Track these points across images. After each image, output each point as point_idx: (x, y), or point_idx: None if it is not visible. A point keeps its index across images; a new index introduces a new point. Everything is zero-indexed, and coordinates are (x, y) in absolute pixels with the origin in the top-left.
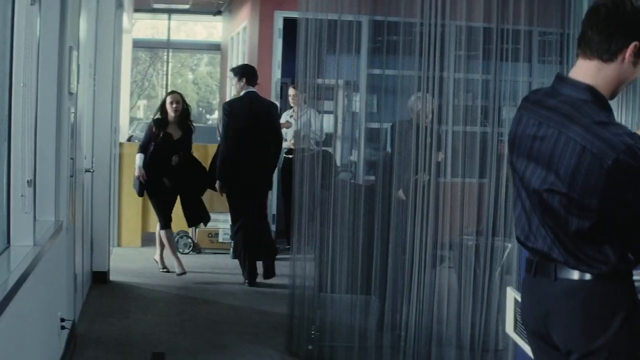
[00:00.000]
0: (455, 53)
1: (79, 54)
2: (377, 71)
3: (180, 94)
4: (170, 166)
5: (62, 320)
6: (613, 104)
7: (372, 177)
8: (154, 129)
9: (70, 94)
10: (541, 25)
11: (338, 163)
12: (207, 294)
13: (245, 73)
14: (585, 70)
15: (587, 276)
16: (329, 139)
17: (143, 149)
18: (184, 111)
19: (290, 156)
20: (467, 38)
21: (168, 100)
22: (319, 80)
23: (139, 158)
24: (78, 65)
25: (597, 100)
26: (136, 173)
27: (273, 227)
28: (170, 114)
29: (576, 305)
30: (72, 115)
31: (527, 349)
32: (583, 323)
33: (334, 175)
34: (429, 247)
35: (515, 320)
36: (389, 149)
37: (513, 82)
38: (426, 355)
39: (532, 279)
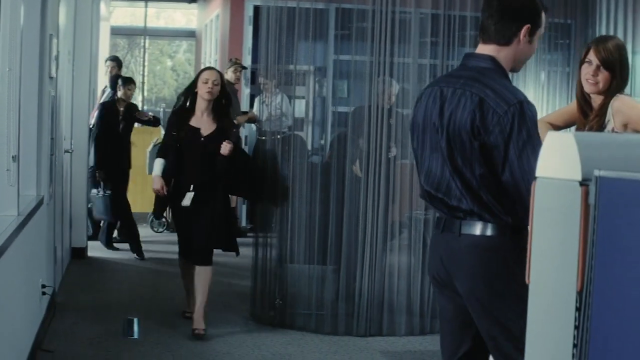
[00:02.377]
0: (417, 39)
1: (58, 41)
2: (344, 57)
3: (221, 73)
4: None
5: (43, 286)
6: None
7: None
8: (172, 121)
9: (51, 78)
10: (475, 10)
11: (309, 147)
12: (177, 267)
13: None
14: (488, 51)
15: (489, 232)
16: (300, 124)
17: (163, 151)
18: (223, 97)
19: (263, 138)
20: (417, 24)
21: (203, 77)
22: (290, 67)
23: (157, 165)
24: (58, 52)
25: (498, 69)
26: (154, 186)
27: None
28: (203, 96)
29: (478, 259)
30: (52, 98)
31: None
32: (485, 275)
33: (306, 158)
34: (380, 222)
35: None
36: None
37: (432, 66)
38: (378, 321)
39: (440, 235)
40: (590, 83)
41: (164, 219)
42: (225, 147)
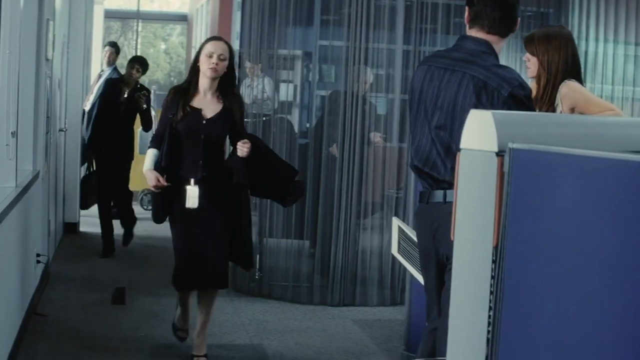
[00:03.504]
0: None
1: (54, 24)
2: (332, 42)
3: (229, 45)
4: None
5: (38, 255)
6: None
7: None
8: (169, 101)
9: (47, 60)
10: None
11: (296, 130)
12: (166, 241)
13: None
14: (486, 38)
15: None
16: (289, 107)
17: (157, 140)
18: (229, 73)
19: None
20: (389, 13)
21: (207, 50)
22: (279, 51)
23: (149, 157)
24: (54, 35)
25: (492, 52)
26: (149, 182)
27: None
28: (206, 74)
29: None
30: (48, 79)
31: (409, 267)
32: None
33: (293, 140)
34: (354, 201)
35: (399, 243)
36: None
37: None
38: (351, 293)
39: (425, 206)
40: (527, 68)
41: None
42: (242, 148)
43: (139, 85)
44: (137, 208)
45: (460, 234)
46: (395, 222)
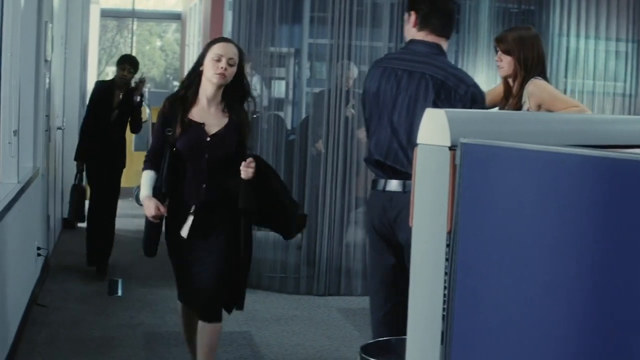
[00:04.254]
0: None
1: (53, 26)
2: (320, 40)
3: (240, 49)
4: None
5: (39, 248)
6: None
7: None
8: (164, 114)
9: (46, 61)
10: None
11: (288, 126)
12: (162, 236)
13: None
14: (435, 41)
15: None
16: (280, 104)
17: (153, 160)
18: (238, 81)
19: None
20: (373, 11)
21: (214, 52)
22: (270, 49)
23: (146, 181)
24: (52, 37)
25: (444, 53)
26: (147, 212)
27: None
28: (212, 80)
29: None
30: (47, 79)
31: None
32: None
33: (284, 136)
34: (338, 196)
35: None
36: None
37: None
38: (337, 283)
39: (382, 193)
40: (499, 67)
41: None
42: (247, 169)
43: (132, 86)
44: (132, 203)
45: (418, 220)
46: None
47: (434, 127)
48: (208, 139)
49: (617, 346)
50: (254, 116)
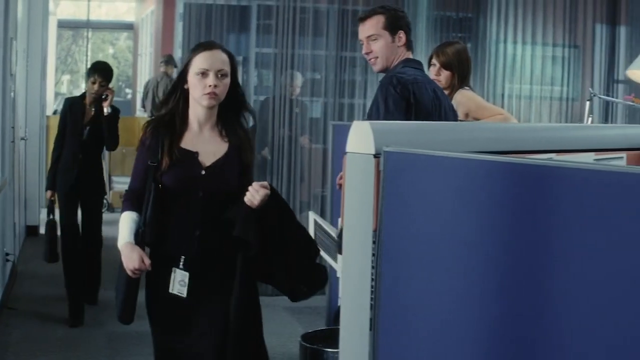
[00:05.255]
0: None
1: (17, 42)
2: (266, 49)
3: (229, 54)
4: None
5: (7, 254)
6: None
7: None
8: (146, 142)
9: (11, 75)
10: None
11: None
12: (115, 241)
13: None
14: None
15: None
16: None
17: (133, 199)
18: (232, 94)
19: None
20: (314, 20)
21: (197, 65)
22: None
23: (125, 224)
24: (16, 52)
25: None
26: (128, 265)
27: None
28: (201, 102)
29: None
30: (12, 92)
31: (325, 256)
32: None
33: None
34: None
35: (315, 234)
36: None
37: (351, 58)
38: None
39: None
40: (436, 80)
41: (105, 201)
42: (255, 194)
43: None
44: None
45: (347, 220)
46: (312, 216)
47: (361, 137)
48: (203, 172)
49: (521, 332)
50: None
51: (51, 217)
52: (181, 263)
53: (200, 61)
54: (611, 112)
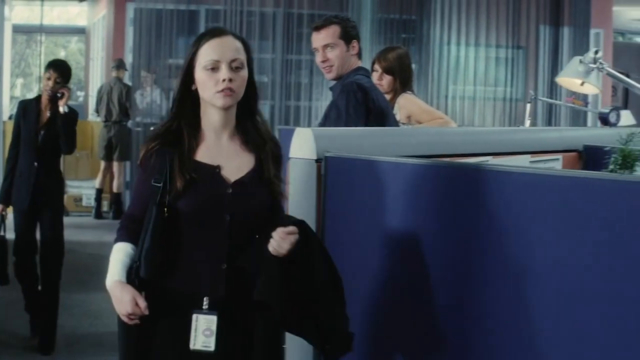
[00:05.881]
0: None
1: None
2: None
3: (243, 41)
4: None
5: None
6: None
7: None
8: (150, 160)
9: None
10: (324, 9)
11: None
12: (72, 245)
13: None
14: None
15: None
16: None
17: (130, 229)
18: (248, 90)
19: (138, 129)
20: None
21: (206, 58)
22: (169, 61)
23: (118, 257)
24: None
25: None
26: (121, 310)
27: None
28: (215, 103)
29: None
30: None
31: None
32: None
33: None
34: None
35: None
36: None
37: (297, 61)
38: None
39: None
40: (378, 85)
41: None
42: (282, 243)
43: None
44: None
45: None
46: None
47: (303, 143)
48: (230, 190)
49: (454, 321)
50: (151, 128)
51: (1, 233)
52: (205, 304)
53: (208, 52)
54: (555, 113)
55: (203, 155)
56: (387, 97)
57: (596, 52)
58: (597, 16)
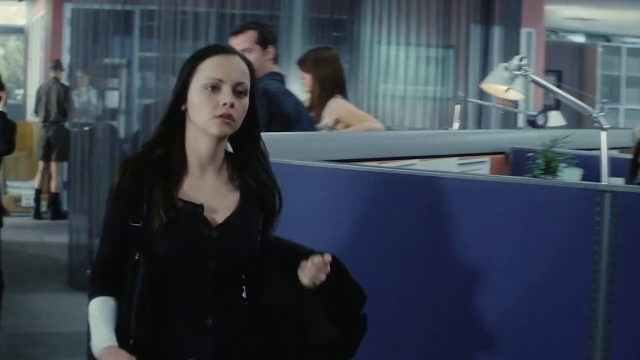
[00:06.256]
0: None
1: None
2: (148, 53)
3: (248, 62)
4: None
5: None
6: None
7: None
8: (123, 192)
9: None
10: (256, 9)
11: (122, 135)
12: (12, 245)
13: None
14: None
15: None
16: (114, 114)
17: (107, 275)
18: (250, 121)
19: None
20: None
21: (206, 77)
22: (105, 61)
23: (99, 315)
24: None
25: None
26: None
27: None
28: (211, 129)
29: None
30: None
31: None
32: None
33: (117, 146)
34: None
35: None
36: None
37: None
38: None
39: None
40: (304, 84)
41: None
42: (320, 273)
43: None
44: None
45: None
46: None
47: None
48: (215, 233)
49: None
50: (85, 128)
51: None
52: None
53: (211, 69)
54: (485, 114)
55: (185, 190)
56: (315, 100)
57: (521, 59)
58: (528, 15)
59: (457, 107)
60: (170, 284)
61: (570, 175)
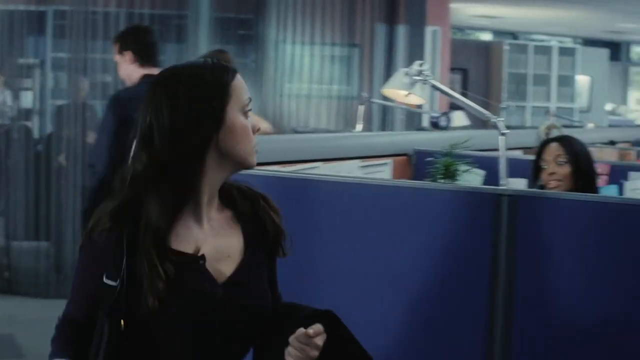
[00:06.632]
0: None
1: None
2: (60, 54)
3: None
4: None
5: None
6: None
7: None
8: (99, 245)
9: None
10: (163, 9)
11: (36, 136)
12: None
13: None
14: (155, 71)
15: None
16: (28, 115)
17: (72, 337)
18: None
19: None
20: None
21: (243, 90)
22: (20, 61)
23: None
24: None
25: None
26: None
27: None
28: (246, 161)
29: None
30: None
31: None
32: None
33: (32, 147)
34: (78, 204)
35: None
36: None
37: None
38: None
39: None
40: None
41: None
42: (309, 343)
43: None
44: None
45: None
46: None
47: None
48: (221, 291)
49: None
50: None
51: None
52: None
53: (242, 88)
54: (390, 114)
55: (181, 237)
56: None
57: (421, 64)
58: (433, 14)
59: (361, 108)
60: (156, 349)
61: (470, 179)
